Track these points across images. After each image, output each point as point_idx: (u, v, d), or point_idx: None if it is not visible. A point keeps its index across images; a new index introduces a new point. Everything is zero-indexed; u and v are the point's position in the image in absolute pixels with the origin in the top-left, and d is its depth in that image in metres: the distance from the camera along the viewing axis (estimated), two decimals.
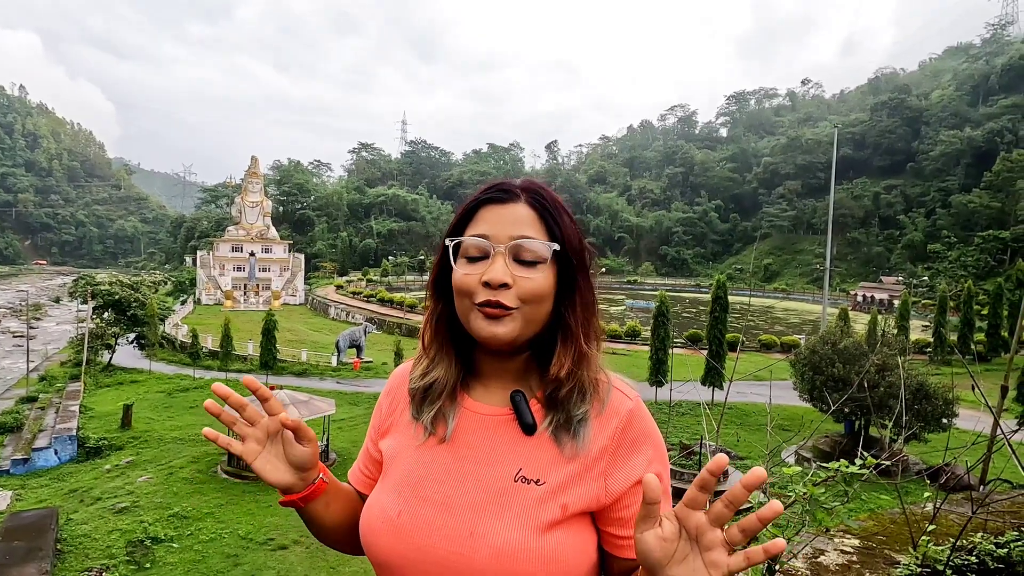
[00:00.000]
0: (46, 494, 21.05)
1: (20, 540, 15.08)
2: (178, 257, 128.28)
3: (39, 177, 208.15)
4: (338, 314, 67.46)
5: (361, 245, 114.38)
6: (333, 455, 21.99)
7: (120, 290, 42.78)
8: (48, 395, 33.87)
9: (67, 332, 64.92)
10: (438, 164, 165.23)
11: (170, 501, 18.66)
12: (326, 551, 15.78)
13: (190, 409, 30.89)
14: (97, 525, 17.18)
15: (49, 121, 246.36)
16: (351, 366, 39.37)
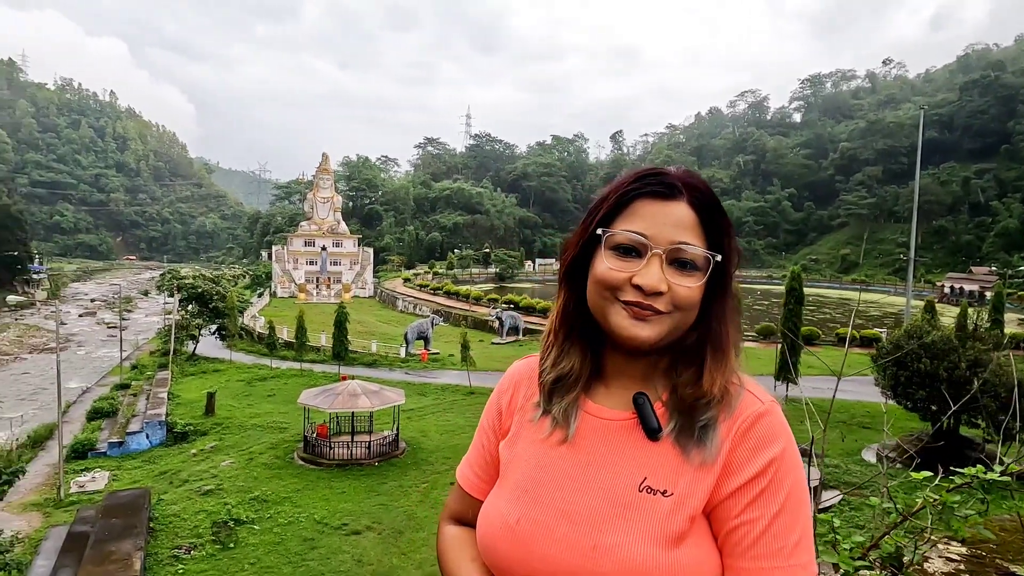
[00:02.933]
0: (139, 475, 22.42)
1: (117, 517, 16.10)
2: (255, 252, 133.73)
3: (128, 177, 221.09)
4: (406, 306, 68.84)
5: (427, 238, 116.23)
6: (403, 444, 22.47)
7: (203, 284, 45.02)
8: (139, 382, 36.00)
9: (155, 323, 68.84)
10: (502, 157, 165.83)
11: (251, 485, 19.51)
12: (398, 538, 16.18)
13: (268, 397, 32.25)
14: (185, 506, 18.15)
15: (137, 124, 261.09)
16: (419, 357, 40.11)
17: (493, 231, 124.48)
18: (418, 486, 19.31)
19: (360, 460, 21.17)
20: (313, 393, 22.23)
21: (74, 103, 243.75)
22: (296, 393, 26.04)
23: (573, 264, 1.16)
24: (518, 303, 54.21)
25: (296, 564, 14.94)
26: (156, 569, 14.65)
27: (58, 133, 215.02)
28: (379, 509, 17.80)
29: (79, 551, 14.89)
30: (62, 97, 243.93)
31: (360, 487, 19.35)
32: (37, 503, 19.90)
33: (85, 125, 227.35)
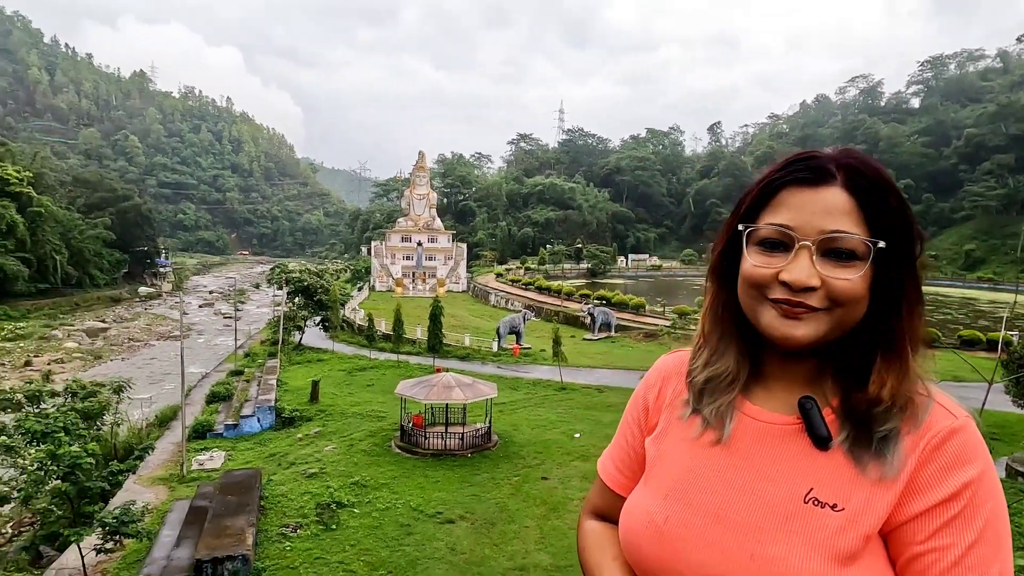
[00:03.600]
0: (251, 456, 23.94)
1: (232, 495, 17.26)
2: (355, 247, 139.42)
3: (242, 177, 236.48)
4: (498, 301, 69.67)
5: (520, 234, 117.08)
6: (495, 437, 22.77)
7: (308, 278, 47.43)
8: (251, 369, 38.42)
9: (265, 314, 73.26)
10: (595, 151, 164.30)
11: (351, 470, 20.38)
12: (490, 529, 16.40)
13: (367, 387, 33.57)
14: (292, 487, 19.21)
15: (250, 127, 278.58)
16: (511, 352, 40.49)
17: (585, 226, 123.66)
18: (510, 479, 19.50)
19: (453, 451, 21.64)
20: (409, 384, 22.92)
21: (195, 109, 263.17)
22: (393, 383, 26.94)
23: (722, 261, 1.10)
24: (610, 299, 53.59)
25: (393, 548, 15.47)
26: (266, 545, 15.59)
27: (182, 137, 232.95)
28: (472, 500, 18.13)
29: (199, 524, 16.09)
30: (185, 104, 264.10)
31: (453, 477, 19.78)
32: (163, 478, 21.67)
33: (205, 129, 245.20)
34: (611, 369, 35.94)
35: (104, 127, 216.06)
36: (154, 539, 15.36)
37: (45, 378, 28.60)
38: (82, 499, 12.67)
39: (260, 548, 15.34)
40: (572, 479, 19.24)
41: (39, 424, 13.39)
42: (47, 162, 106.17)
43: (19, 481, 14.76)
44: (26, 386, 20.57)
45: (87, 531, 11.91)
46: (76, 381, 23.69)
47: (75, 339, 62.25)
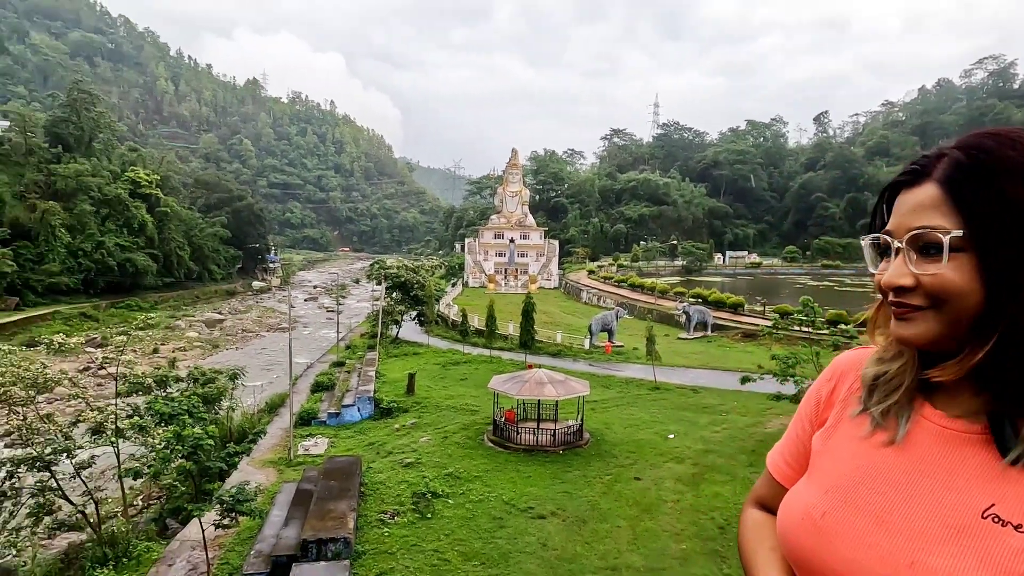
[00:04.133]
0: (351, 444, 25.02)
1: (335, 480, 18.13)
2: (449, 244, 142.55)
3: (344, 177, 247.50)
4: (590, 298, 69.23)
5: (612, 230, 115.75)
6: (587, 435, 22.66)
7: (405, 274, 48.98)
8: (352, 361, 40.14)
9: (365, 308, 76.36)
10: (691, 145, 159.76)
11: (445, 461, 20.90)
12: (581, 527, 16.35)
13: (461, 381, 34.28)
14: (389, 475, 19.93)
15: (351, 129, 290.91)
16: (603, 349, 40.15)
17: (680, 222, 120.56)
18: (601, 478, 19.36)
19: (545, 447, 21.72)
20: (502, 379, 23.21)
21: (302, 113, 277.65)
22: (486, 378, 27.38)
23: None
24: (707, 297, 51.99)
25: (486, 540, 15.74)
26: (366, 529, 16.26)
27: (289, 140, 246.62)
28: (563, 496, 18.14)
29: (305, 506, 17.00)
30: (293, 108, 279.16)
31: (545, 473, 19.86)
32: (273, 461, 23.05)
33: (310, 132, 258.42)
34: (707, 369, 34.91)
35: (221, 132, 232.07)
36: (265, 518, 16.38)
37: (171, 365, 31.11)
38: (203, 477, 13.74)
39: (360, 532, 16.02)
40: (665, 480, 18.86)
41: (167, 407, 14.65)
42: (172, 166, 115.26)
43: (149, 458, 16.17)
44: (155, 372, 22.47)
45: (207, 507, 12.90)
46: (197, 368, 25.61)
47: (196, 329, 67.33)
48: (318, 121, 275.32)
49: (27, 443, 16.27)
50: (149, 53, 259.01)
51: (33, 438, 16.23)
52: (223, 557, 15.60)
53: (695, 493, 18.09)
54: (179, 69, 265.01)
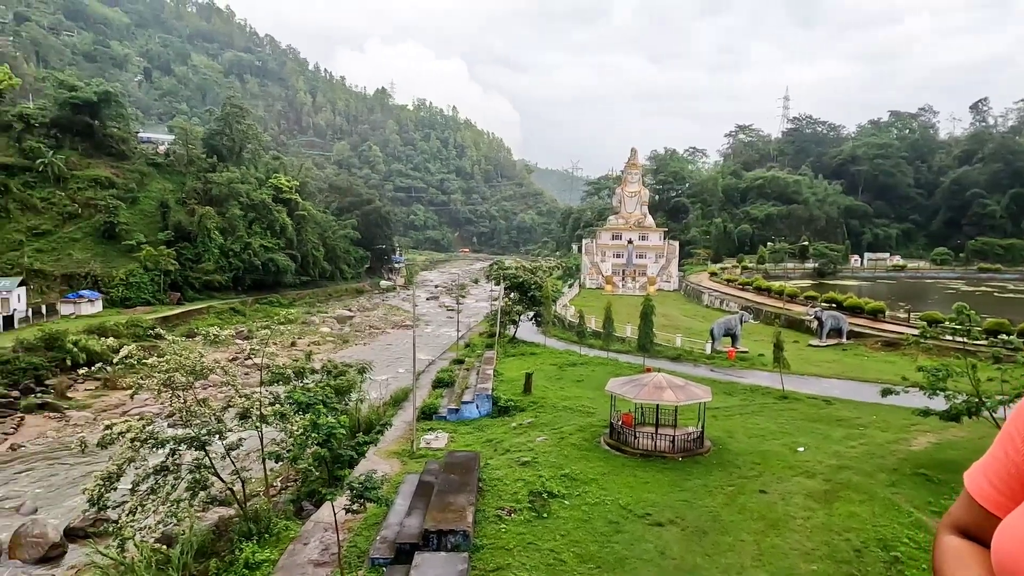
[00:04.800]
0: (470, 440, 25.67)
1: (455, 474, 18.69)
2: (566, 245, 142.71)
3: (464, 180, 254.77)
4: (711, 301, 66.75)
5: (736, 231, 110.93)
6: (707, 443, 21.86)
7: (523, 274, 49.57)
8: (471, 359, 41.17)
9: (483, 308, 78.13)
10: (825, 140, 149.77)
11: (562, 462, 20.92)
12: (702, 538, 15.79)
13: (577, 382, 34.20)
14: (506, 473, 20.25)
15: (472, 133, 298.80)
16: (725, 355, 38.57)
17: (812, 222, 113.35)
18: (724, 488, 18.60)
19: (663, 453, 21.19)
20: (620, 382, 22.90)
21: (426, 119, 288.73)
22: (603, 380, 27.11)
23: None
24: (841, 302, 48.49)
25: (602, 544, 15.59)
26: (483, 524, 16.63)
27: (414, 145, 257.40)
28: (682, 505, 17.61)
29: (426, 497, 17.66)
30: (418, 115, 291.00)
31: (663, 480, 19.38)
32: (397, 452, 24.14)
33: (434, 137, 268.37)
34: (842, 379, 32.57)
35: (353, 139, 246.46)
36: (390, 506, 17.18)
37: (307, 357, 33.39)
38: (335, 464, 14.67)
39: (478, 526, 16.40)
40: (795, 496, 17.80)
41: (304, 397, 15.80)
42: (309, 172, 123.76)
43: (288, 444, 17.47)
44: (294, 363, 24.24)
45: (339, 492, 13.77)
46: (330, 361, 27.32)
47: (328, 325, 71.90)
48: (441, 126, 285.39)
49: (187, 424, 18.11)
50: (291, 68, 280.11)
51: (192, 420, 18.04)
52: (351, 540, 16.54)
53: (827, 511, 16.94)
54: (316, 82, 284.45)
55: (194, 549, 16.59)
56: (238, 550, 16.13)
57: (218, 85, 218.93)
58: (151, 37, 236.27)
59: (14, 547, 20.93)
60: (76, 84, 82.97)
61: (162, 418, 19.07)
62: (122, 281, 66.09)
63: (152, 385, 18.26)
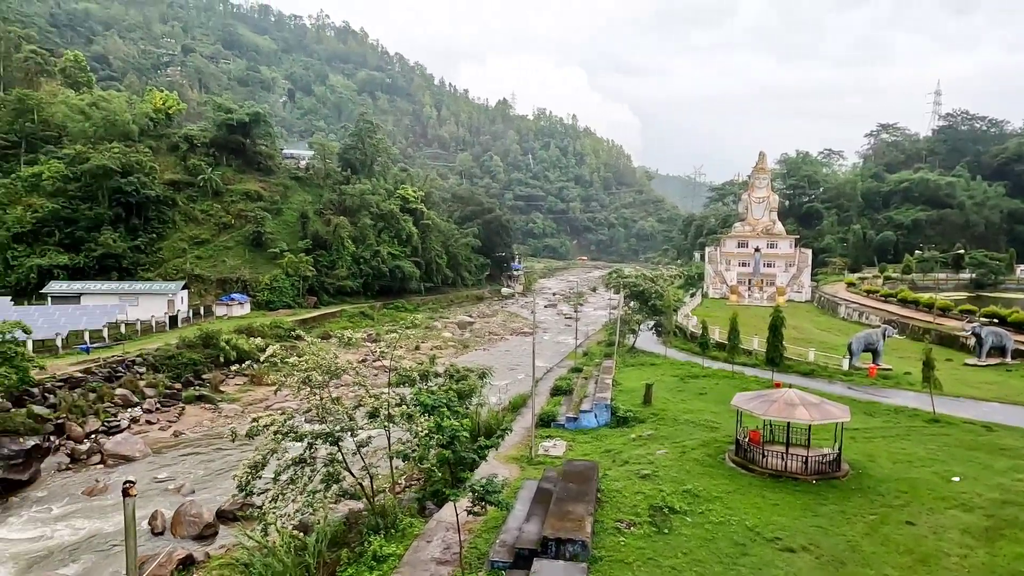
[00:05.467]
0: (588, 449, 25.49)
1: (573, 483, 18.61)
2: (687, 253, 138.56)
3: (583, 188, 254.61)
4: (849, 314, 62.17)
5: (877, 238, 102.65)
6: (845, 466, 20.30)
7: (643, 283, 48.66)
8: (589, 368, 40.94)
9: (601, 317, 77.48)
10: (984, 138, 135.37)
11: (683, 477, 20.24)
12: (839, 569, 14.67)
13: (699, 395, 33.01)
14: (625, 485, 19.88)
15: (592, 141, 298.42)
16: (866, 372, 35.73)
17: (968, 228, 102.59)
18: (864, 516, 17.19)
19: (795, 474, 19.93)
20: (747, 397, 21.83)
21: (546, 128, 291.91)
22: (726, 394, 25.99)
23: None
24: (1004, 317, 43.42)
25: (727, 565, 14.89)
26: (602, 535, 16.40)
27: (534, 155, 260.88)
28: (816, 531, 16.46)
29: (545, 504, 17.71)
30: (537, 124, 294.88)
31: (795, 502, 18.22)
32: (515, 457, 24.43)
33: (553, 146, 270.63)
34: (1006, 404, 29.15)
35: (475, 150, 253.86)
36: (509, 510, 17.39)
37: (431, 361, 34.59)
38: (458, 466, 15.06)
39: (596, 537, 16.20)
40: (949, 531, 16.11)
41: (430, 399, 16.39)
42: (434, 183, 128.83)
43: (412, 444, 18.17)
44: (419, 366, 25.19)
45: (462, 493, 14.13)
46: (453, 366, 28.14)
47: (450, 330, 74.22)
48: (560, 135, 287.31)
49: (322, 420, 19.31)
50: (418, 84, 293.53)
51: (326, 416, 19.22)
52: (472, 542, 16.90)
53: (990, 550, 15.18)
54: (442, 96, 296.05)
55: (328, 538, 17.63)
56: (367, 542, 16.96)
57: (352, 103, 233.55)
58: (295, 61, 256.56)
59: (175, 524, 23.29)
60: (231, 107, 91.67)
61: (300, 414, 20.44)
62: (267, 286, 71.91)
63: (292, 383, 19.65)
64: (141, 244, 71.39)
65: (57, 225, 67.03)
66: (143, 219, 73.26)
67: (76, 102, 79.27)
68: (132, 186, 69.99)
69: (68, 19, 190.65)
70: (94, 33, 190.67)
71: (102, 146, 72.14)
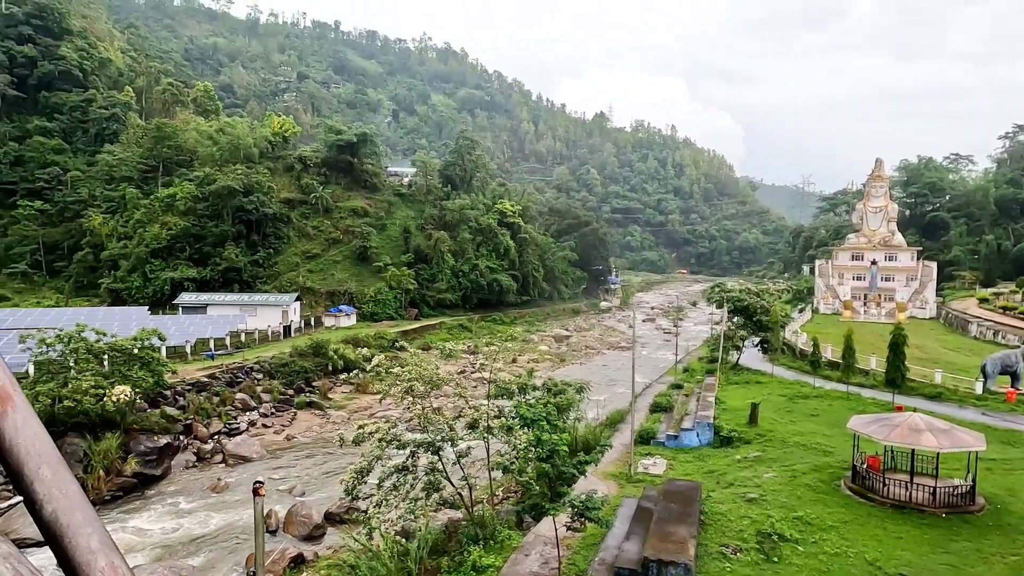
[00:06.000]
0: (690, 469, 24.65)
1: (674, 503, 18.04)
2: (795, 266, 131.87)
3: (683, 200, 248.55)
4: (981, 332, 56.90)
5: (1014, 250, 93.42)
6: (980, 500, 18.51)
7: (747, 297, 46.71)
8: (690, 384, 39.69)
9: (702, 332, 75.01)
10: None
11: (794, 503, 19.15)
12: None
13: (810, 416, 31.19)
14: (731, 508, 19.05)
15: (691, 152, 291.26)
16: (1003, 396, 32.52)
17: None
18: (1004, 556, 15.58)
19: (921, 506, 18.38)
20: (865, 420, 20.42)
21: (644, 140, 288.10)
22: (841, 416, 24.42)
23: None
24: None
25: None
26: (706, 560, 15.78)
27: (631, 167, 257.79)
28: (947, 570, 15.08)
29: (645, 523, 17.26)
30: (635, 136, 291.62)
31: (921, 537, 16.80)
32: (614, 474, 24.00)
33: (651, 158, 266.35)
34: None
35: (571, 164, 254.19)
36: (609, 528, 17.10)
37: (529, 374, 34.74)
38: (558, 480, 15.00)
39: (700, 561, 15.60)
40: None
41: (529, 412, 16.44)
42: (531, 197, 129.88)
43: (511, 456, 18.27)
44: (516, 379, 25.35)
45: (561, 508, 14.05)
46: (550, 379, 28.12)
47: (546, 343, 74.32)
48: (659, 146, 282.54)
49: (424, 429, 19.83)
50: (515, 100, 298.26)
51: (428, 426, 19.72)
52: (570, 558, 16.73)
53: None
54: (539, 111, 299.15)
55: (428, 545, 18.01)
56: (466, 552, 17.18)
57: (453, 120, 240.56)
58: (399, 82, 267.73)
59: (288, 523, 24.59)
60: (341, 128, 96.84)
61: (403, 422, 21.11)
62: (371, 298, 74.99)
63: (396, 392, 20.32)
64: (259, 258, 76.67)
65: (187, 241, 73.23)
66: (261, 235, 78.64)
67: (205, 128, 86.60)
68: (252, 204, 75.41)
69: (199, 53, 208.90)
70: (221, 65, 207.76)
71: (227, 168, 78.28)
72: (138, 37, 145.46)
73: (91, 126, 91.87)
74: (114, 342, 32.98)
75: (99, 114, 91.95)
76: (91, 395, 29.04)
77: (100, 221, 75.64)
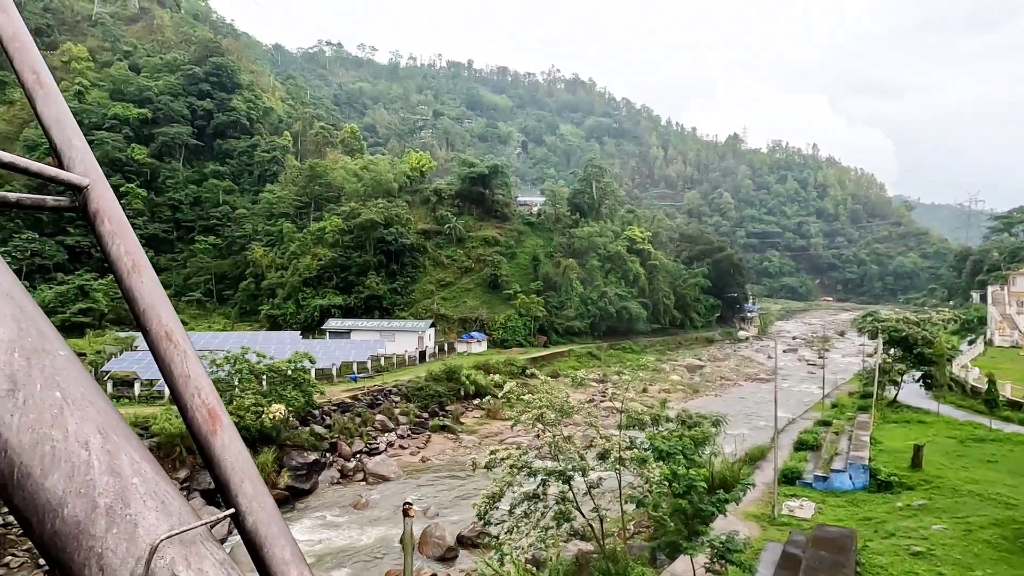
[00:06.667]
0: (842, 514, 22.61)
1: (825, 551, 16.59)
2: (962, 293, 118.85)
3: (827, 222, 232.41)
4: None
5: None
6: None
7: (906, 327, 42.56)
8: (840, 421, 36.61)
9: (852, 364, 69.15)
10: None
11: (970, 561, 16.98)
12: None
13: (987, 463, 27.66)
14: (892, 561, 17.22)
15: (836, 171, 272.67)
16: None
17: None
18: None
19: None
20: None
21: (781, 161, 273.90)
22: None
23: None
24: None
25: None
26: None
27: (768, 189, 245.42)
28: None
29: (792, 571, 16.00)
30: (772, 157, 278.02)
31: None
32: (755, 515, 22.54)
33: (790, 179, 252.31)
34: None
35: (703, 188, 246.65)
36: (753, 573, 16.01)
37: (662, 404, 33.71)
38: (694, 518, 14.31)
39: None
40: None
41: (665, 445, 15.89)
42: (661, 223, 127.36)
43: (644, 489, 17.70)
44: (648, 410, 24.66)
45: (700, 548, 13.36)
46: (685, 411, 27.05)
47: (678, 373, 71.84)
48: (798, 167, 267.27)
49: (555, 457, 19.74)
50: (644, 126, 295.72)
51: (558, 454, 19.60)
52: None
53: None
54: (668, 136, 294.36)
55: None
56: None
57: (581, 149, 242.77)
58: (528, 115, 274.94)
59: (423, 543, 25.32)
60: (473, 161, 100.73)
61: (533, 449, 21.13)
62: (501, 325, 76.50)
63: (526, 419, 20.44)
64: (397, 286, 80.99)
65: (334, 271, 78.99)
66: (400, 264, 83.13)
67: (351, 167, 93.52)
68: (392, 236, 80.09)
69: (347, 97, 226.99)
70: (365, 107, 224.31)
71: (370, 202, 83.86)
72: (295, 87, 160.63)
73: (255, 168, 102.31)
74: (272, 364, 36.03)
75: (262, 157, 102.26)
76: (252, 412, 31.80)
77: (261, 253, 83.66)
